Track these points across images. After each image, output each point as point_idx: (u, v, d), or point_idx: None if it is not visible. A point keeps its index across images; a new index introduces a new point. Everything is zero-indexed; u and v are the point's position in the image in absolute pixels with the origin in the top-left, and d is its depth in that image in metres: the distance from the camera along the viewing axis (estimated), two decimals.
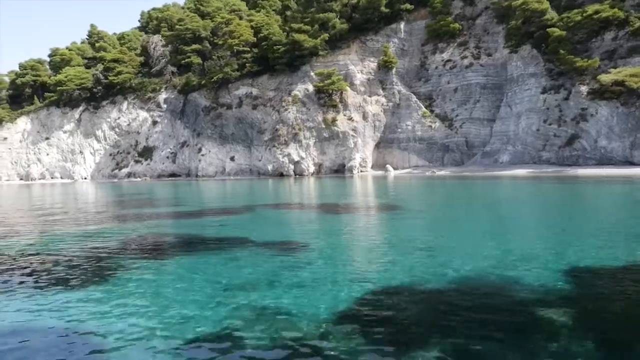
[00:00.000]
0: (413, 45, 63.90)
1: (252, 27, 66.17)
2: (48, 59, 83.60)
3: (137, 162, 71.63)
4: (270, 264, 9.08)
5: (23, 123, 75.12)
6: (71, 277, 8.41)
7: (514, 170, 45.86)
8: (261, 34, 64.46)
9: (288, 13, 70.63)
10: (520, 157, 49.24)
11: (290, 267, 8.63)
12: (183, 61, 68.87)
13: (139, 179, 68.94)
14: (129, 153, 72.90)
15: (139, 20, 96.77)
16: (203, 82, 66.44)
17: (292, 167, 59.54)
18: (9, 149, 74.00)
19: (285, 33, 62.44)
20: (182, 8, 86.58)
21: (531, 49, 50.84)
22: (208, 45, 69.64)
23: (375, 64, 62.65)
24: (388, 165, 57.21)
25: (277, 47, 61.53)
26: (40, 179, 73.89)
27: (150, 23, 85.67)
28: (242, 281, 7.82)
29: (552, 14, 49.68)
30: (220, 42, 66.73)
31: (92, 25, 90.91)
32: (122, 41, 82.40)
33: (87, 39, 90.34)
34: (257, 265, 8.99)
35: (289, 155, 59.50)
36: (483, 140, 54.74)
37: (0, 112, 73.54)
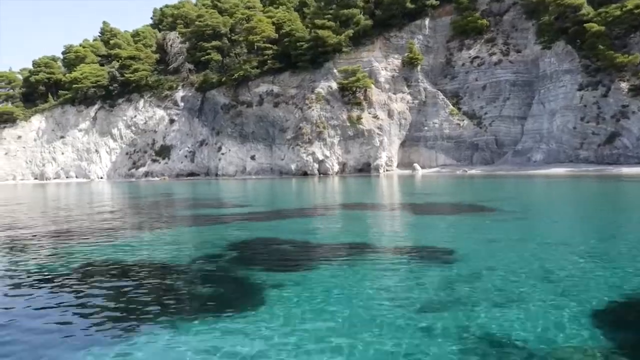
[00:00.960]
0: (438, 42, 62.66)
1: (273, 23, 64.86)
2: (61, 56, 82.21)
3: (154, 161, 70.34)
4: (433, 275, 7.81)
5: (37, 121, 73.80)
6: (209, 298, 7.16)
7: (550, 169, 44.64)
8: (283, 30, 63.15)
9: (306, 10, 69.46)
10: (555, 155, 48.01)
11: (462, 281, 7.27)
12: (202, 58, 67.52)
13: (157, 179, 67.65)
14: (145, 152, 71.62)
15: (151, 18, 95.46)
16: (224, 79, 65.10)
17: (316, 166, 58.30)
18: (23, 147, 72.69)
19: (308, 29, 61.09)
20: (196, 5, 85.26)
21: (565, 45, 49.63)
22: (227, 42, 68.37)
23: (400, 61, 61.39)
24: (415, 164, 55.97)
25: (300, 43, 60.22)
26: (55, 178, 72.59)
27: (165, 20, 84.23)
28: (424, 299, 6.41)
29: (588, 9, 48.45)
30: (241, 39, 65.43)
31: (104, 23, 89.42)
32: (137, 38, 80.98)
33: (99, 36, 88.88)
34: (421, 278, 7.70)
35: (313, 154, 58.24)
36: (514, 139, 53.52)
37: (14, 111, 72.17)
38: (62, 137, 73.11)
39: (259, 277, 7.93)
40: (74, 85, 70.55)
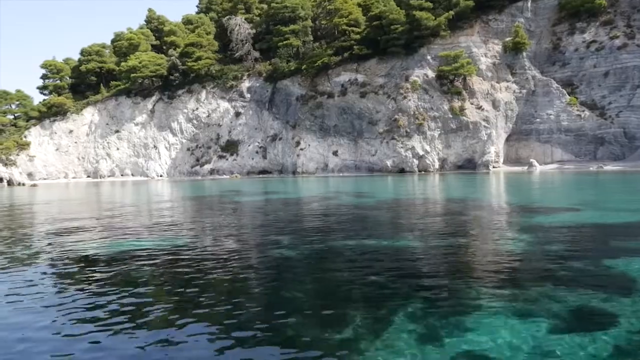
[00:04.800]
0: (540, 26, 56.87)
1: (358, 4, 58.92)
2: (110, 44, 76.17)
3: (220, 157, 64.33)
4: None
5: (89, 114, 67.70)
6: None
7: None
8: (371, 13, 57.20)
9: None
10: None
11: None
12: (280, 44, 61.40)
13: (225, 176, 61.71)
14: (209, 148, 65.60)
15: (197, 5, 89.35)
16: (304, 67, 59.01)
17: (416, 162, 52.44)
18: (75, 142, 66.59)
19: (403, 11, 55.12)
20: None
21: None
22: (303, 26, 62.38)
23: (500, 46, 55.62)
24: (533, 160, 49.95)
25: (395, 26, 54.25)
26: (109, 176, 66.49)
27: (219, 5, 78.03)
28: None
29: None
30: (324, 22, 59.46)
31: (150, 10, 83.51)
32: (190, 26, 74.80)
33: (145, 24, 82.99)
34: None
35: (412, 148, 52.37)
36: None
37: (65, 102, 66.04)
38: (116, 131, 67.05)
39: None
40: (132, 75, 64.41)
